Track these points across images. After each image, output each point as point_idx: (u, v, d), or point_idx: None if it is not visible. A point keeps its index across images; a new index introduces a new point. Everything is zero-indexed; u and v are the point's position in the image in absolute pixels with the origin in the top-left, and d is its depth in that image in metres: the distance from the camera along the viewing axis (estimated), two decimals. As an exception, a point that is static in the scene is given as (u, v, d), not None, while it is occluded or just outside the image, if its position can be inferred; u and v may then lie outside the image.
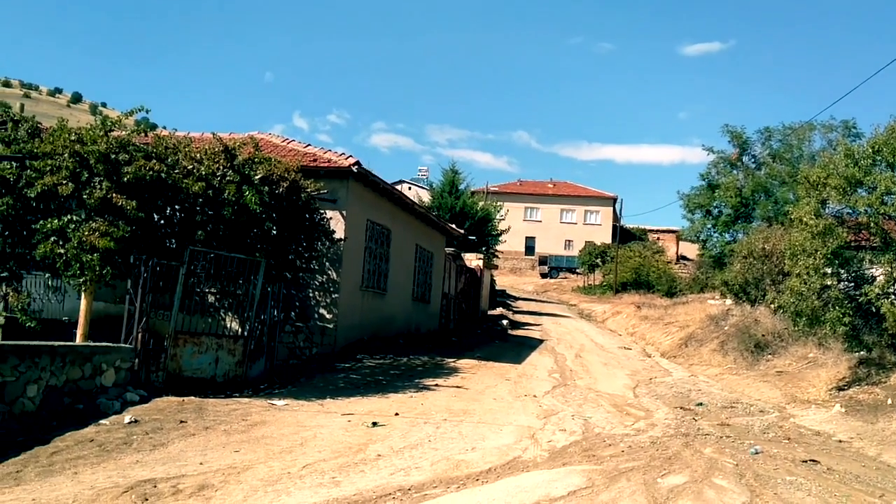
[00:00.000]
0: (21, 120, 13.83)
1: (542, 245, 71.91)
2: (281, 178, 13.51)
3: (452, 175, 39.77)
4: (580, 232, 71.78)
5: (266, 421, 9.84)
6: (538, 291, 56.70)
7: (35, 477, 7.00)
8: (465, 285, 30.75)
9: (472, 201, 39.11)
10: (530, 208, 73.66)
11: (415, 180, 74.65)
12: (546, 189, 76.19)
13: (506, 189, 72.83)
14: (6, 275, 11.60)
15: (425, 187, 59.38)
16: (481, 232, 37.11)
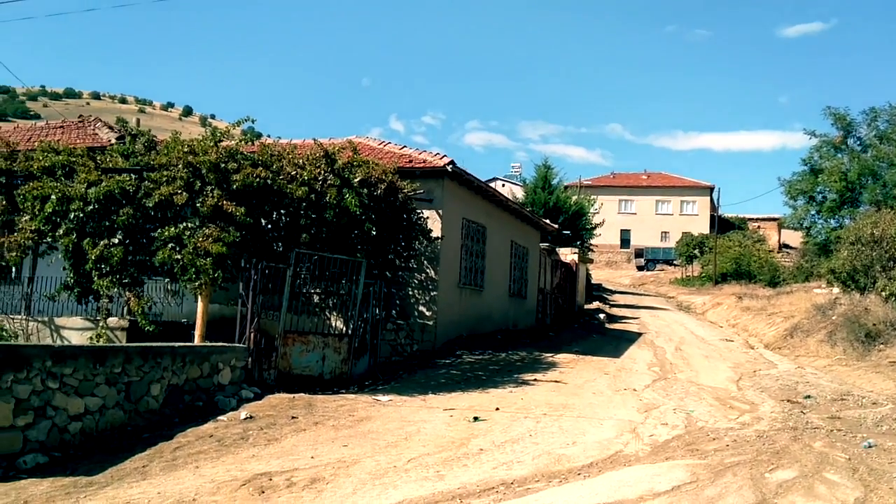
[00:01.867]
0: (138, 134, 14.56)
1: (637, 237, 70.57)
2: (379, 180, 13.77)
3: (545, 170, 39.49)
4: (676, 223, 70.08)
5: (371, 416, 10.07)
6: (635, 284, 55.67)
7: (160, 471, 7.39)
8: (561, 280, 30.51)
9: (565, 196, 38.75)
10: (624, 201, 72.38)
11: (508, 177, 74.45)
12: (640, 181, 74.69)
13: (599, 182, 71.79)
14: (128, 281, 12.20)
15: (518, 184, 59.20)
16: (575, 226, 36.71)
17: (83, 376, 8.33)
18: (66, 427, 8.05)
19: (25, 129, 20.13)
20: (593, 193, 50.26)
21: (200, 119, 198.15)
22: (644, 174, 77.04)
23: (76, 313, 14.11)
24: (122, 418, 8.80)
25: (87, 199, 12.09)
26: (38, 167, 13.00)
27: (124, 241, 12.11)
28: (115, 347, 9.71)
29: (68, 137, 17.40)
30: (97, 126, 18.79)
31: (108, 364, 8.69)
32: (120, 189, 12.10)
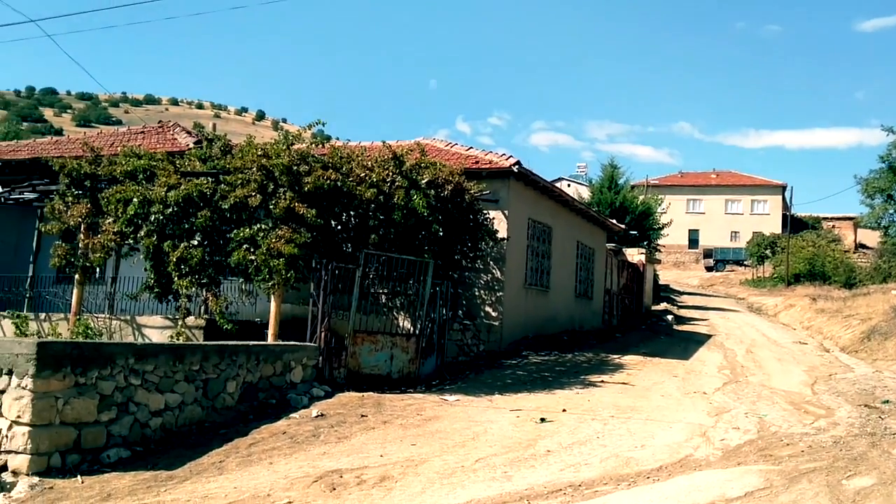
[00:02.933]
0: (214, 138, 14.92)
1: (706, 237, 69.04)
2: (445, 182, 13.81)
3: (611, 170, 39.03)
4: (747, 222, 68.29)
5: (439, 416, 10.09)
6: (703, 285, 54.49)
7: (236, 466, 7.56)
8: (628, 281, 30.09)
9: (631, 195, 38.22)
10: (693, 200, 70.90)
11: (574, 177, 73.81)
12: (709, 180, 73.05)
13: (666, 182, 70.50)
14: (206, 281, 12.53)
15: (584, 184, 58.61)
16: (642, 226, 36.17)
17: (163, 373, 8.59)
18: (147, 422, 8.32)
19: (108, 134, 20.83)
20: (661, 193, 49.44)
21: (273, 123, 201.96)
22: (713, 173, 75.34)
23: (156, 312, 14.54)
24: (199, 414, 9.04)
25: (167, 201, 12.46)
26: (120, 171, 13.45)
27: (202, 243, 12.44)
28: (194, 345, 9.98)
29: (149, 142, 17.93)
30: (176, 131, 19.31)
31: (186, 362, 8.94)
32: (198, 192, 12.43)
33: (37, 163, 17.21)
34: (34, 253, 16.80)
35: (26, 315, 15.35)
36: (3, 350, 7.55)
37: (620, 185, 38.13)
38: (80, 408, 7.56)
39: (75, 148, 17.28)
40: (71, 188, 14.22)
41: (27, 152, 18.82)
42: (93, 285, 15.44)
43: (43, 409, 7.25)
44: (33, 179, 16.57)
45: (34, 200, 16.03)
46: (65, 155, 15.86)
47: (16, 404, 7.27)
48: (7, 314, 15.50)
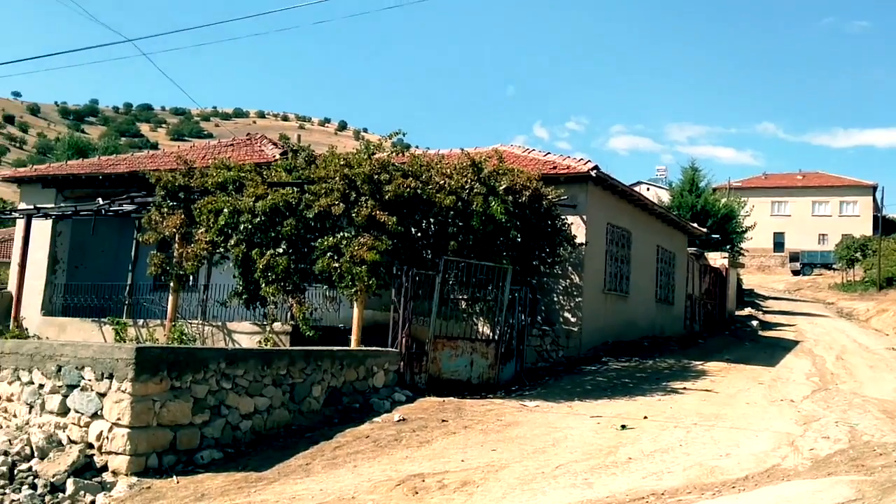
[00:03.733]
0: (299, 149, 15.26)
1: (791, 240, 66.60)
2: (523, 188, 13.76)
3: (692, 173, 38.14)
4: (835, 224, 65.60)
5: (519, 421, 10.04)
6: (790, 290, 52.58)
7: (321, 469, 7.70)
8: (710, 285, 29.30)
9: (713, 198, 37.24)
10: (777, 202, 68.55)
11: (653, 181, 72.40)
12: (794, 181, 70.52)
13: (749, 184, 68.41)
14: (291, 288, 12.82)
15: (664, 187, 57.48)
16: (724, 230, 35.19)
17: (253, 378, 8.83)
18: (237, 425, 8.56)
19: (200, 147, 21.52)
20: (743, 195, 48.01)
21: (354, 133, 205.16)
22: (799, 174, 72.72)
23: (245, 318, 14.93)
24: (287, 418, 9.26)
25: (255, 211, 12.80)
26: (212, 183, 13.89)
27: (288, 251, 12.71)
28: (281, 351, 10.25)
29: (237, 154, 18.44)
30: (263, 143, 19.82)
31: (274, 366, 9.17)
32: (284, 202, 12.73)
33: (134, 176, 17.91)
34: (132, 262, 17.48)
35: (125, 321, 16.01)
36: (104, 355, 7.90)
37: (701, 188, 37.21)
38: (175, 410, 7.84)
39: (170, 161, 17.90)
40: (166, 200, 14.72)
41: (126, 166, 19.60)
42: (187, 292, 15.94)
43: (141, 412, 7.55)
44: (131, 192, 17.24)
45: (132, 212, 16.64)
46: (160, 168, 16.47)
47: (116, 407, 7.59)
48: (108, 320, 16.21)
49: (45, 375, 8.40)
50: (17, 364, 8.75)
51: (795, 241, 66.05)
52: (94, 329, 16.71)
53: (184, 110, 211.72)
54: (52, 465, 7.53)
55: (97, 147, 75.13)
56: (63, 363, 8.22)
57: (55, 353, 8.40)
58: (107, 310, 17.10)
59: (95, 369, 7.88)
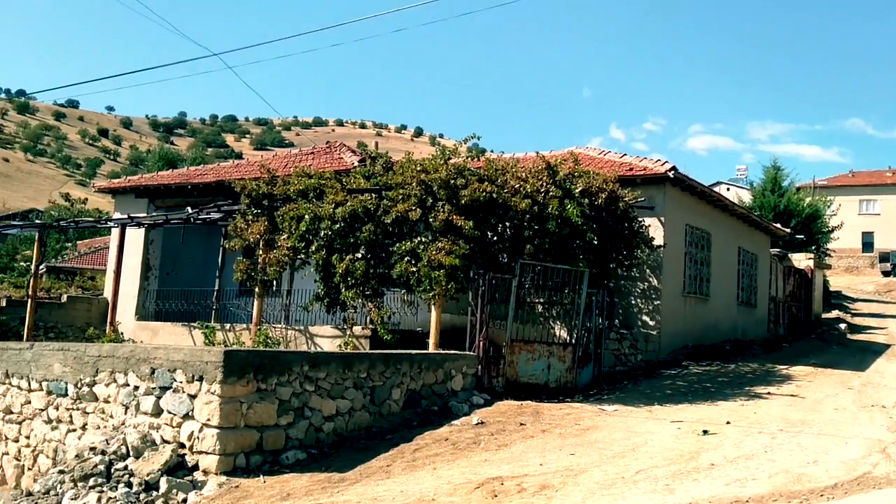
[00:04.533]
0: (377, 156, 15.46)
1: (882, 240, 63.59)
2: (599, 190, 13.59)
3: (774, 172, 36.88)
4: (929, 223, 62.40)
5: (597, 426, 9.90)
6: (880, 291, 50.23)
7: (402, 471, 7.75)
8: (794, 287, 28.28)
9: (797, 198, 35.91)
10: (866, 201, 65.59)
11: (733, 181, 70.35)
12: (884, 178, 67.32)
13: (836, 182, 65.68)
14: (370, 292, 12.98)
15: (745, 187, 55.82)
16: (809, 230, 33.87)
17: (334, 380, 8.97)
18: (320, 427, 8.72)
19: (282, 156, 22.02)
20: (829, 194, 46.11)
21: (430, 139, 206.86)
22: (889, 171, 69.41)
23: (326, 322, 15.20)
24: (367, 420, 9.37)
25: (334, 218, 13.02)
26: (293, 190, 14.19)
27: (366, 256, 12.89)
28: (361, 354, 10.38)
29: (317, 162, 18.80)
30: (341, 150, 20.16)
31: (355, 369, 9.30)
32: (362, 208, 12.91)
33: (221, 185, 18.43)
34: (219, 268, 18.00)
35: (213, 325, 16.51)
36: (194, 358, 8.17)
37: (784, 188, 35.94)
38: (261, 412, 8.04)
39: (253, 170, 18.35)
40: (251, 207, 15.10)
41: (212, 176, 20.19)
42: (270, 297, 16.31)
43: (229, 413, 7.76)
44: (218, 200, 17.72)
45: (219, 220, 17.10)
46: (245, 177, 16.90)
47: (206, 408, 7.83)
48: (197, 325, 16.75)
49: (139, 378, 8.73)
50: (114, 367, 9.13)
51: (885, 241, 63.01)
52: (184, 333, 17.30)
53: (266, 120, 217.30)
54: (147, 464, 7.82)
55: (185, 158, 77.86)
56: (156, 366, 8.53)
57: (149, 356, 8.72)
58: (196, 314, 17.66)
59: (186, 372, 8.15)
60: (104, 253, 29.42)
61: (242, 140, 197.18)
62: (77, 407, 9.59)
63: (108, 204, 26.76)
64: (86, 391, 9.47)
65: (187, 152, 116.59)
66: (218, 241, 18.15)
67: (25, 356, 10.62)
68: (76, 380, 9.63)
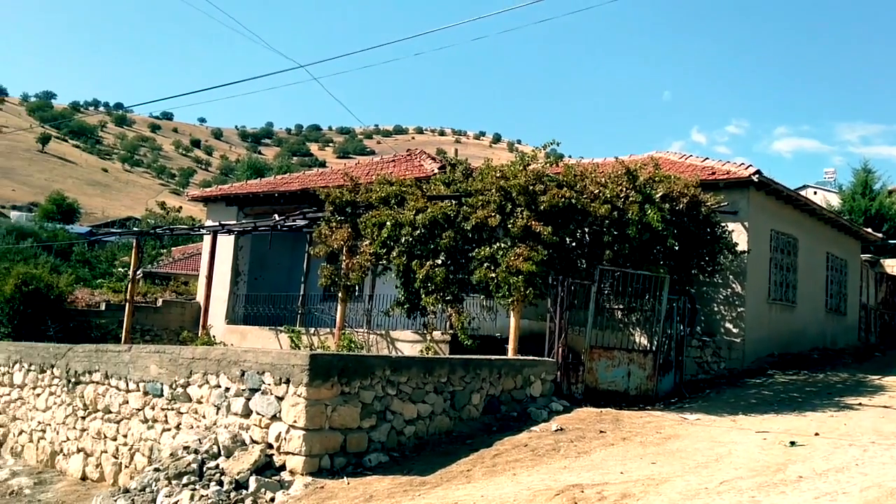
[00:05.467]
0: (456, 163, 15.51)
1: (983, 244, 60.00)
2: (680, 195, 13.31)
3: (865, 174, 35.25)
4: None
5: (679, 434, 9.65)
6: (980, 297, 47.43)
7: (482, 476, 7.72)
8: (887, 294, 26.95)
9: (889, 201, 34.20)
10: (965, 203, 62.01)
11: (820, 184, 67.37)
12: (983, 180, 63.58)
13: (931, 184, 62.34)
14: (450, 298, 13.02)
15: (833, 190, 53.43)
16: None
17: (415, 385, 9.03)
18: (402, 430, 8.78)
19: (364, 164, 22.34)
20: (925, 197, 43.75)
21: (508, 145, 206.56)
22: None
23: (407, 327, 15.32)
24: (447, 424, 9.38)
25: (415, 224, 13.12)
26: (375, 198, 14.37)
27: (446, 262, 12.93)
28: (442, 359, 10.41)
29: (398, 169, 18.98)
30: (422, 158, 20.31)
31: (435, 374, 9.33)
32: (442, 214, 12.97)
33: (306, 193, 18.82)
34: (304, 274, 18.38)
35: (299, 329, 16.86)
36: (282, 361, 8.36)
37: (876, 191, 34.29)
38: (345, 414, 8.15)
39: (337, 178, 18.68)
40: (334, 214, 15.34)
41: (297, 184, 20.65)
42: (353, 302, 16.54)
43: (315, 415, 7.91)
44: (303, 208, 18.11)
45: (304, 226, 17.45)
46: (328, 185, 17.22)
47: (292, 410, 7.99)
48: (283, 329, 17.14)
49: (230, 379, 8.99)
50: (206, 369, 9.42)
51: None
52: (271, 336, 17.73)
53: (348, 129, 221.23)
54: (237, 464, 8.03)
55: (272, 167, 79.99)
56: (246, 368, 8.76)
57: (239, 358, 8.96)
58: (282, 318, 18.08)
59: (274, 374, 8.34)
60: (197, 259, 30.42)
61: (326, 149, 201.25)
62: (172, 407, 9.94)
63: (201, 212, 27.69)
64: (180, 392, 9.80)
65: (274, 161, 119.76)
66: (303, 247, 18.51)
67: (124, 358, 11.07)
68: (171, 381, 9.98)
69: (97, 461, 11.21)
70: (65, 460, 11.95)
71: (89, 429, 11.45)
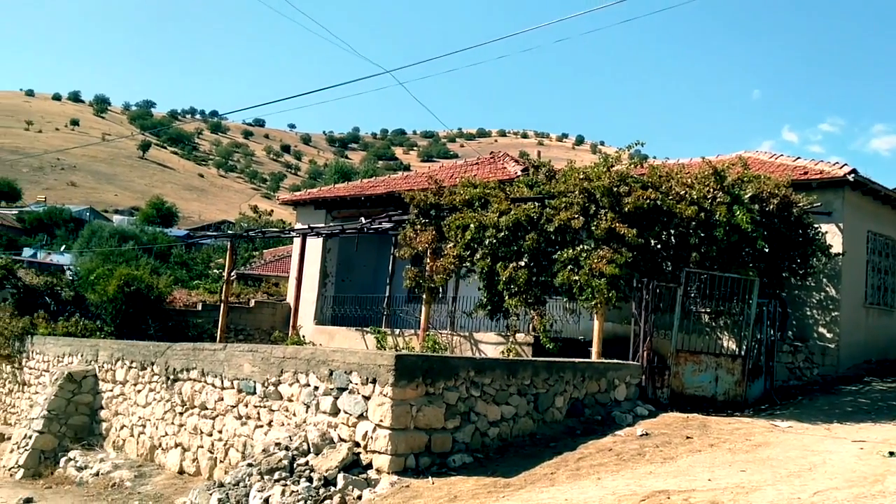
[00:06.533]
0: (539, 165, 15.41)
1: None
2: (771, 195, 12.86)
3: (971, 172, 33.26)
4: None
5: (770, 442, 9.31)
6: None
7: (566, 479, 7.64)
8: None
9: None
10: None
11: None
12: None
13: None
14: (532, 300, 12.93)
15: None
16: None
17: (499, 387, 9.02)
18: (485, 432, 8.78)
19: (448, 167, 22.43)
20: None
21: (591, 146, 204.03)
22: None
23: (489, 329, 15.30)
24: (531, 427, 9.34)
25: (498, 226, 13.09)
26: (459, 200, 14.41)
27: (529, 264, 12.85)
28: (525, 361, 10.37)
29: (482, 172, 18.98)
30: (505, 160, 20.25)
31: (518, 376, 9.30)
32: (525, 217, 12.90)
33: (391, 196, 19.03)
34: (389, 276, 18.59)
35: (385, 330, 17.08)
36: (368, 361, 8.49)
37: (983, 189, 32.29)
38: (429, 415, 8.21)
39: (421, 181, 18.80)
40: (419, 217, 15.44)
41: (383, 187, 20.89)
42: (437, 304, 16.63)
43: (400, 415, 7.99)
44: (389, 211, 18.30)
45: (389, 229, 17.61)
46: (413, 188, 17.34)
47: (378, 409, 8.11)
48: (369, 330, 17.38)
49: (318, 379, 9.18)
50: (296, 368, 9.66)
51: None
52: (357, 337, 18.00)
53: (432, 133, 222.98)
54: (325, 461, 8.20)
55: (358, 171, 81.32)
56: (334, 368, 8.94)
57: (327, 358, 9.15)
58: (368, 319, 18.32)
59: (361, 374, 8.48)
60: (287, 261, 31.15)
61: (410, 152, 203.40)
62: (264, 405, 10.22)
63: (290, 215, 28.43)
64: (271, 390, 10.08)
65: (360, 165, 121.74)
66: (388, 249, 18.73)
67: (219, 357, 11.46)
68: (263, 379, 10.27)
69: (194, 456, 11.62)
70: (163, 454, 12.42)
71: (186, 424, 11.87)
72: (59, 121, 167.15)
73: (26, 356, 18.04)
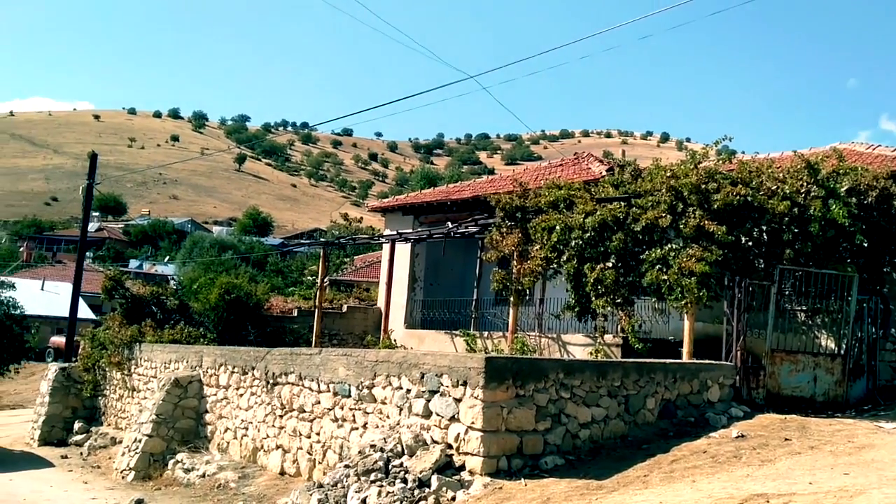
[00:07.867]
0: (624, 164, 15.17)
1: None
2: (869, 188, 12.25)
3: None
4: None
5: (874, 444, 8.85)
6: None
7: (659, 482, 7.49)
8: None
9: None
10: None
11: None
12: None
13: None
14: (620, 301, 12.70)
15: None
16: None
17: (588, 388, 8.92)
18: (576, 434, 8.70)
19: (532, 169, 22.35)
20: None
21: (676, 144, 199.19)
22: None
23: (577, 331, 15.12)
24: (622, 429, 9.19)
25: (584, 227, 12.95)
26: (544, 202, 14.32)
27: (616, 264, 12.65)
28: (614, 362, 10.21)
29: (566, 173, 18.81)
30: (589, 161, 20.00)
31: (608, 378, 9.18)
32: (612, 217, 12.71)
33: (476, 200, 19.09)
34: (477, 279, 18.64)
35: (473, 333, 17.11)
36: (458, 364, 8.55)
37: None
38: (520, 417, 8.20)
39: (506, 184, 18.79)
40: (505, 220, 15.41)
41: (469, 192, 20.98)
42: (524, 306, 16.55)
43: (491, 417, 8.02)
44: (474, 214, 18.36)
45: (476, 233, 17.65)
46: (498, 191, 17.34)
47: (470, 412, 8.15)
48: (458, 332, 17.46)
49: (410, 381, 9.31)
50: (389, 371, 9.82)
51: None
52: (446, 340, 18.11)
53: (515, 136, 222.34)
54: (419, 462, 8.30)
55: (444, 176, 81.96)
56: (425, 371, 9.04)
57: (418, 361, 9.26)
58: (456, 322, 18.41)
59: (451, 377, 8.55)
60: (377, 266, 31.67)
61: (494, 156, 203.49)
62: (358, 407, 10.42)
63: (379, 221, 28.84)
64: (365, 393, 10.27)
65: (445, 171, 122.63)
66: (475, 253, 18.77)
67: (315, 361, 11.76)
68: (357, 382, 10.47)
69: (293, 457, 11.94)
70: (265, 456, 12.80)
71: (286, 426, 12.22)
72: (160, 137, 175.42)
73: (135, 363, 18.87)
